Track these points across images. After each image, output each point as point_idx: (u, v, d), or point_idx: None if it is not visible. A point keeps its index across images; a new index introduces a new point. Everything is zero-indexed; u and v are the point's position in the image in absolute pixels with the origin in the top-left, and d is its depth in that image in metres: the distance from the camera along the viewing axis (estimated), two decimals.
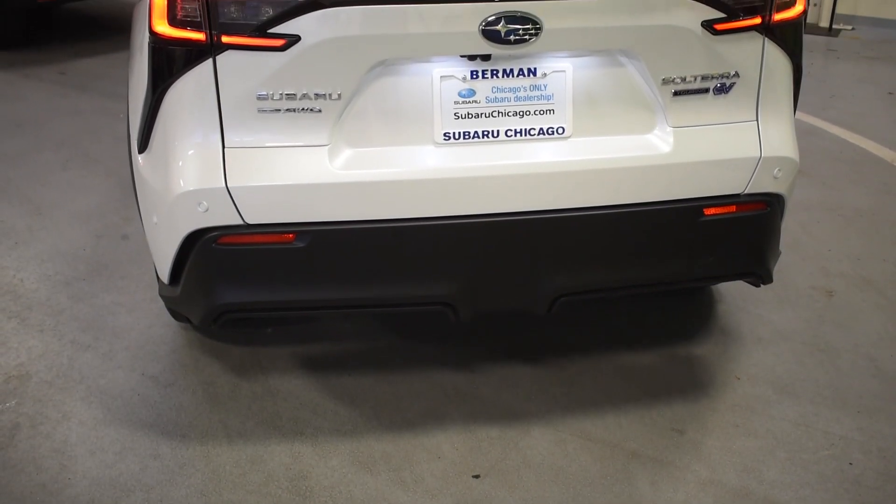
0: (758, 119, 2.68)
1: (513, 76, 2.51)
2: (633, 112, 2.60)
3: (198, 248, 2.52)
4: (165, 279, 2.71)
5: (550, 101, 2.55)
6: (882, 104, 6.48)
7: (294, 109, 2.42)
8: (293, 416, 2.93)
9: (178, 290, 2.67)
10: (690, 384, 3.12)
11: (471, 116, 2.51)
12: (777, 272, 3.02)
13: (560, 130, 2.56)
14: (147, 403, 3.00)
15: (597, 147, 2.58)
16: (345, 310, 2.98)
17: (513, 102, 2.53)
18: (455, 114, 2.50)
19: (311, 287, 2.59)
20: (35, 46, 7.89)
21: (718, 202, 2.67)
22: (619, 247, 2.68)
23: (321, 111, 2.43)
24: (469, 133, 2.52)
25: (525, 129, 2.55)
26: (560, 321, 3.41)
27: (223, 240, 2.50)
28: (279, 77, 2.38)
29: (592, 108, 2.57)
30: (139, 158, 2.68)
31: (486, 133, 2.53)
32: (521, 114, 2.54)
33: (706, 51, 2.54)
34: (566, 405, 2.99)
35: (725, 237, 2.75)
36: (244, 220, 2.47)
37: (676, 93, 2.58)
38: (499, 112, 2.53)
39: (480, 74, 2.49)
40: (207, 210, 2.46)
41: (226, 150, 2.45)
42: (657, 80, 2.55)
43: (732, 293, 3.67)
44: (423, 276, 2.60)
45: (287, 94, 2.40)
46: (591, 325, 3.47)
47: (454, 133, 2.51)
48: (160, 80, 2.45)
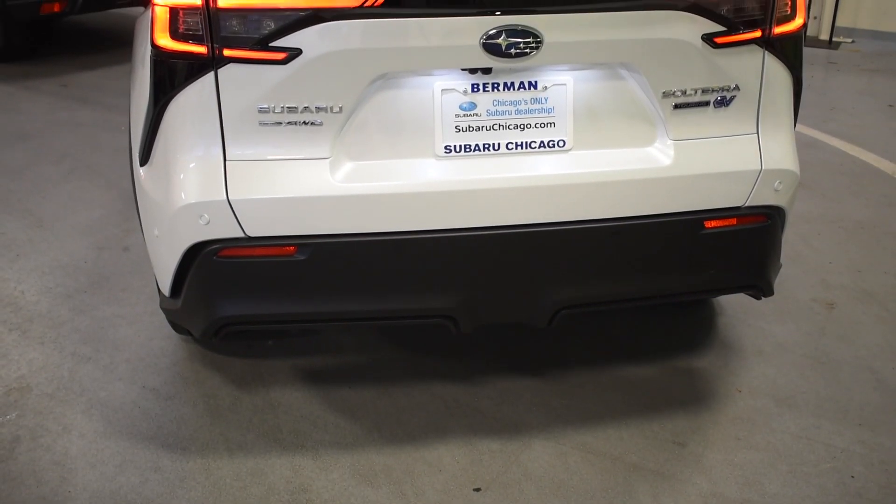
0: (758, 132, 2.69)
1: (513, 89, 2.52)
2: (634, 125, 2.61)
3: (199, 261, 2.52)
4: (166, 292, 2.71)
5: (551, 115, 2.55)
6: (882, 116, 6.49)
7: (295, 122, 2.43)
8: (294, 429, 2.93)
9: (179, 303, 2.67)
10: (691, 397, 3.12)
11: (472, 129, 2.51)
12: (778, 285, 3.02)
13: (561, 143, 2.57)
14: (147, 416, 2.99)
15: (597, 160, 2.58)
16: (346, 322, 2.98)
17: (514, 115, 2.53)
18: (456, 127, 2.51)
19: (313, 300, 2.59)
20: (37, 59, 7.92)
21: (719, 215, 2.67)
22: (620, 259, 2.68)
23: (322, 124, 2.44)
24: (470, 146, 2.52)
25: (526, 142, 2.55)
26: (561, 334, 3.41)
27: (224, 252, 2.50)
28: (280, 90, 2.39)
29: (593, 122, 2.58)
30: (140, 171, 2.68)
31: (487, 146, 2.53)
32: (522, 127, 2.54)
33: (706, 64, 2.55)
34: (567, 418, 2.99)
35: (726, 250, 2.75)
36: (245, 233, 2.47)
37: (677, 106, 2.58)
38: (500, 125, 2.53)
39: (481, 87, 2.50)
40: (209, 223, 2.46)
41: (227, 163, 2.45)
42: (658, 94, 2.55)
43: (733, 306, 3.67)
44: (424, 289, 2.60)
45: (288, 107, 2.41)
46: (592, 338, 3.47)
47: (455, 146, 2.52)
48: (162, 93, 2.46)
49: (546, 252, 2.61)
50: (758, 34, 2.57)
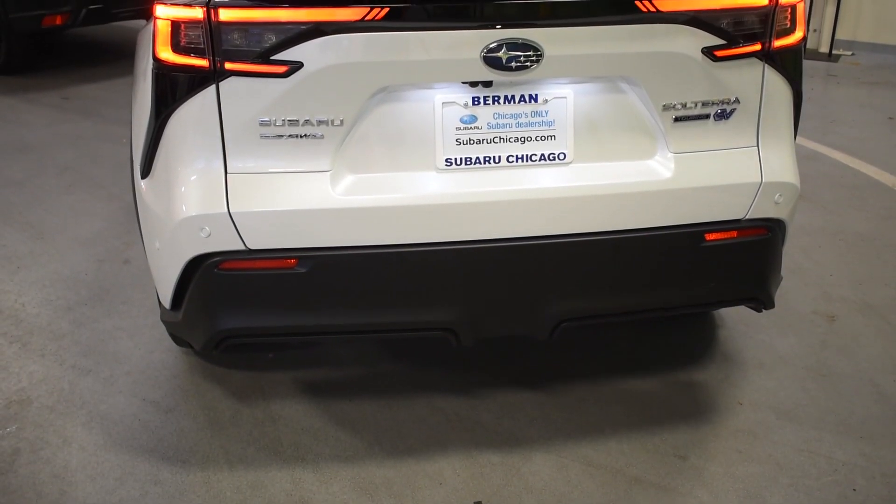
0: (758, 145, 2.69)
1: (514, 102, 2.52)
2: (634, 138, 2.61)
3: (200, 274, 2.53)
4: (167, 304, 2.71)
5: (552, 127, 2.56)
6: (882, 129, 6.50)
7: (296, 135, 2.43)
8: (294, 442, 2.92)
9: (180, 316, 2.67)
10: (692, 409, 3.11)
11: (472, 142, 2.52)
12: (778, 297, 3.02)
13: (561, 156, 2.57)
14: (148, 429, 2.99)
15: (598, 173, 2.59)
16: (346, 335, 2.97)
17: (514, 128, 2.54)
18: (457, 140, 2.51)
19: (313, 312, 2.59)
20: (38, 71, 7.94)
21: (720, 227, 2.68)
22: (621, 272, 2.68)
23: (323, 137, 2.44)
24: (471, 159, 2.53)
25: (526, 155, 2.56)
26: (561, 346, 3.40)
27: (225, 265, 2.50)
28: (282, 103, 2.39)
29: (593, 134, 2.58)
30: (142, 183, 2.69)
31: (488, 159, 2.54)
32: (523, 140, 2.55)
33: (707, 77, 2.55)
34: (568, 431, 2.99)
35: (727, 262, 2.76)
36: (246, 246, 2.48)
37: (677, 119, 2.59)
38: (500, 138, 2.54)
39: (482, 101, 2.50)
40: (210, 235, 2.46)
41: (228, 176, 2.45)
42: (658, 106, 2.56)
43: (734, 318, 3.67)
44: (425, 302, 2.60)
45: (289, 121, 2.41)
46: (593, 351, 3.46)
47: (456, 159, 2.52)
48: (163, 106, 2.47)
49: (547, 265, 2.61)
50: (758, 47, 2.57)
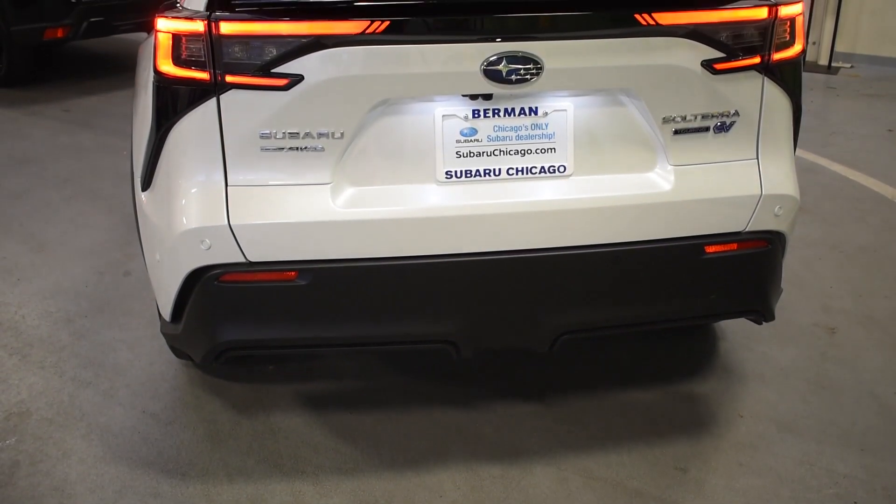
0: (758, 157, 2.69)
1: (514, 115, 2.53)
2: (634, 151, 2.61)
3: (200, 286, 2.53)
4: (167, 316, 2.71)
5: (552, 140, 2.56)
6: (882, 141, 6.51)
7: (297, 148, 2.44)
8: (294, 455, 2.92)
9: (180, 328, 2.67)
10: (693, 422, 3.11)
11: (473, 155, 2.52)
12: (779, 309, 3.02)
13: (561, 169, 2.58)
14: (147, 441, 2.98)
15: (598, 185, 2.59)
16: (347, 347, 2.97)
17: (514, 141, 2.54)
18: (457, 152, 2.52)
19: (314, 325, 2.59)
20: (40, 84, 7.96)
21: (719, 240, 2.68)
22: (621, 285, 2.68)
23: (324, 150, 2.45)
24: (471, 171, 2.53)
25: (526, 168, 2.56)
26: (562, 359, 3.40)
27: (225, 277, 2.50)
28: (282, 116, 2.40)
29: (593, 147, 2.59)
30: (142, 196, 2.69)
31: (488, 171, 2.54)
32: (523, 152, 2.55)
33: (706, 90, 2.56)
34: (568, 443, 2.98)
35: (727, 275, 2.76)
36: (247, 258, 2.48)
37: (677, 131, 2.59)
38: (500, 151, 2.54)
39: (482, 113, 2.51)
40: (210, 248, 2.46)
41: (229, 189, 2.46)
42: (658, 119, 2.56)
43: (734, 330, 3.67)
44: (425, 314, 2.60)
45: (290, 133, 2.42)
46: (593, 363, 3.46)
47: (456, 171, 2.52)
48: (164, 119, 2.47)
49: (547, 277, 2.61)
50: (757, 60, 2.58)
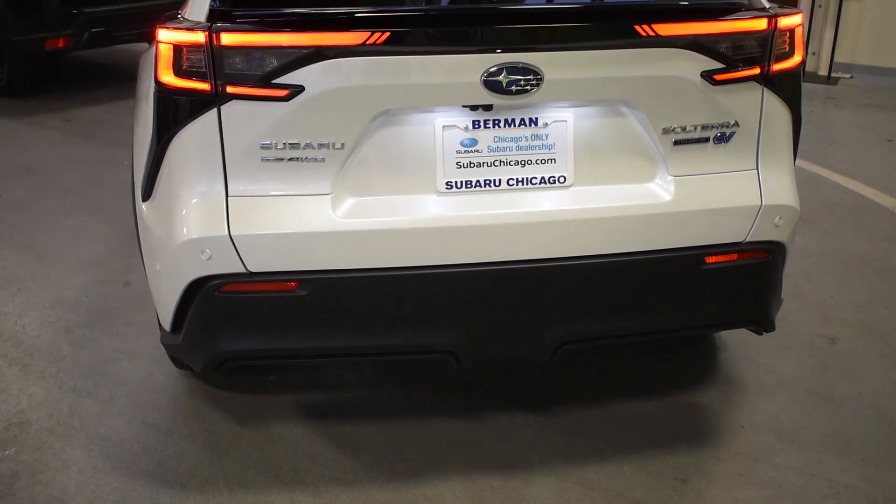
0: (758, 168, 2.70)
1: (514, 126, 2.53)
2: (634, 161, 2.62)
3: (200, 296, 2.53)
4: (167, 326, 2.71)
5: (552, 151, 2.57)
6: (881, 151, 6.51)
7: (297, 159, 2.44)
8: (294, 465, 2.91)
9: (180, 338, 2.67)
10: (693, 432, 3.10)
11: (473, 165, 2.53)
12: (779, 320, 3.02)
13: (561, 179, 2.58)
14: (147, 451, 2.98)
15: (598, 196, 2.59)
16: (347, 358, 2.97)
17: (514, 152, 2.54)
18: (457, 163, 2.52)
19: (314, 335, 2.59)
20: (41, 94, 7.97)
21: (720, 251, 2.68)
22: (621, 295, 2.68)
23: (324, 160, 2.45)
24: (471, 182, 2.53)
25: (527, 179, 2.57)
26: (562, 369, 3.40)
27: (226, 288, 2.50)
28: (283, 126, 2.40)
29: (593, 158, 2.59)
30: (143, 206, 2.69)
31: (488, 182, 2.54)
32: (523, 163, 2.56)
33: (706, 101, 2.56)
34: (569, 454, 2.97)
35: (727, 285, 2.76)
36: (247, 269, 2.48)
37: (677, 142, 2.59)
38: (500, 161, 2.55)
39: (482, 124, 2.51)
40: (210, 258, 2.46)
41: (229, 199, 2.46)
42: (657, 130, 2.57)
43: (735, 341, 3.66)
44: (425, 325, 2.60)
45: (290, 144, 2.42)
46: (594, 373, 3.45)
47: (456, 182, 2.53)
48: (165, 129, 2.48)
49: (547, 288, 2.61)
50: (757, 71, 2.59)
